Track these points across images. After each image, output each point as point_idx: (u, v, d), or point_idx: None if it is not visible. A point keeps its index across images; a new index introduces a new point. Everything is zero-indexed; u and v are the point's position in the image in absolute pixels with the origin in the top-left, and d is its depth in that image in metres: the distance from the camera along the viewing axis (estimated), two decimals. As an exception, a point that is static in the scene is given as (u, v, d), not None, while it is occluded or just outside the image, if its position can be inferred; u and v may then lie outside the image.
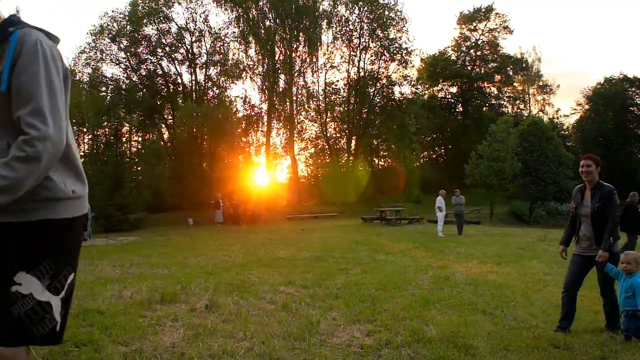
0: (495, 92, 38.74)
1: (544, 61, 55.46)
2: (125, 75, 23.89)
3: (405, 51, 27.37)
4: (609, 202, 3.05)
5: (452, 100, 39.30)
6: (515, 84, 39.21)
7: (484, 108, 37.82)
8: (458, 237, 11.17)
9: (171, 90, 24.75)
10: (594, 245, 3.07)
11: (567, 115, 39.88)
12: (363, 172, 29.68)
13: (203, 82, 24.73)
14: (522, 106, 40.07)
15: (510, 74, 38.05)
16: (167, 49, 23.81)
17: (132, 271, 5.75)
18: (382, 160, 34.49)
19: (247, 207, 19.39)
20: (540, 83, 40.64)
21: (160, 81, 24.81)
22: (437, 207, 11.88)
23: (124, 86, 23.61)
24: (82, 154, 22.75)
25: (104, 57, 23.16)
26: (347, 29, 27.74)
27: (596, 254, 3.01)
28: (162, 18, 23.38)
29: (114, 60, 23.44)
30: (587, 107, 37.01)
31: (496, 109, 37.99)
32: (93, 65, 23.19)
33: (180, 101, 24.13)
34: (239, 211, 18.58)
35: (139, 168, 22.00)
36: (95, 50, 22.95)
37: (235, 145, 23.86)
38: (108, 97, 23.29)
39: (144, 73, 24.19)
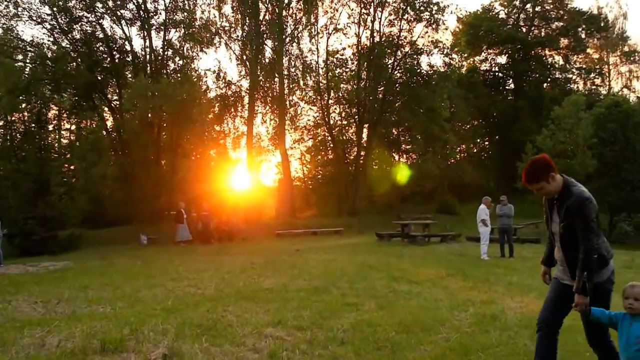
0: (561, 62, 39.00)
1: (632, 19, 55.07)
2: (51, 40, 23.82)
3: (436, 7, 27.56)
4: (579, 217, 2.88)
5: (501, 75, 39.51)
6: (589, 50, 39.35)
7: (545, 84, 38.03)
8: (509, 260, 11.29)
9: (116, 60, 24.81)
10: (569, 274, 3.04)
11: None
12: (379, 173, 29.77)
13: (161, 50, 24.81)
14: (598, 81, 40.23)
15: (583, 36, 38.14)
16: (110, 2, 23.81)
17: (60, 309, 5.75)
18: (405, 156, 34.66)
19: (221, 219, 19.42)
20: (626, 49, 40.57)
21: (101, 48, 24.87)
22: (479, 220, 11.95)
23: (49, 54, 23.53)
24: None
25: (19, 13, 22.43)
26: (357, -25, 28.05)
27: (573, 285, 2.94)
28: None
29: (34, 18, 22.71)
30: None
31: (562, 85, 38.22)
32: (4, 24, 22.99)
33: (130, 76, 24.17)
34: (211, 225, 18.59)
35: (71, 167, 21.99)
36: (6, 3, 22.55)
37: (205, 136, 23.95)
38: (27, 69, 23.09)
39: (77, 36, 24.13)
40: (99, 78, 24.58)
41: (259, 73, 26.70)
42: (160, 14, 24.56)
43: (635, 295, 2.64)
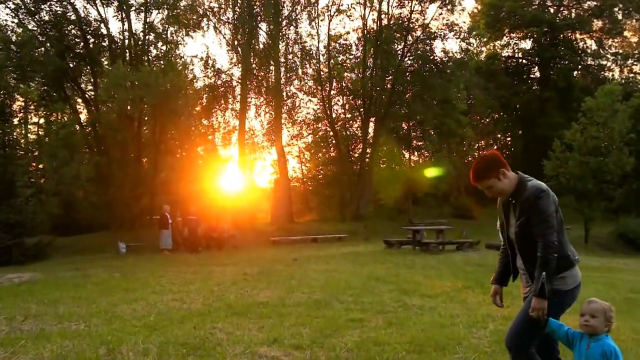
0: (594, 46, 38.95)
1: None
2: (15, 21, 23.79)
3: (451, -16, 27.66)
4: (535, 213, 2.89)
5: (525, 62, 39.55)
6: (626, 33, 39.20)
7: (575, 73, 38.01)
8: None
9: (91, 45, 24.80)
10: (530, 282, 3.02)
11: None
12: (387, 172, 29.77)
13: (141, 34, 24.83)
14: (636, 68, 40.20)
15: (619, 17, 37.94)
16: (83, -22, 23.81)
17: (27, 327, 5.74)
18: (416, 153, 34.67)
19: (210, 225, 19.42)
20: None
21: (73, 31, 24.85)
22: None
23: (14, 38, 23.54)
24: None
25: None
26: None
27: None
28: None
29: (-4, -4, 23.01)
30: None
31: (594, 73, 38.21)
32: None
33: (106, 63, 24.11)
34: (198, 232, 18.60)
35: (40, 166, 21.96)
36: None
37: (192, 130, 24.02)
38: (-12, 55, 23.09)
39: (46, 18, 24.06)
40: (71, 65, 24.41)
41: (252, 60, 26.84)
42: (140, -8, 24.59)
43: (592, 311, 2.64)
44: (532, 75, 39.75)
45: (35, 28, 23.66)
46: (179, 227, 18.51)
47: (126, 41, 24.77)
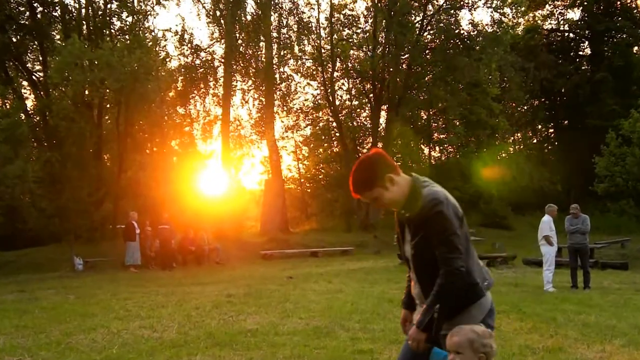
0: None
1: None
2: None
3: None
4: (435, 232, 2.73)
5: (572, 36, 39.38)
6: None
7: (635, 49, 37.86)
8: (583, 292, 11.27)
9: (39, 15, 24.76)
10: None
11: None
12: (404, 172, 29.69)
13: (102, 3, 24.80)
14: None
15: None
16: None
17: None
18: (438, 148, 34.58)
19: (187, 236, 19.44)
20: None
21: (18, -1, 24.82)
22: (541, 236, 11.93)
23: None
24: None
25: None
26: None
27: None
28: None
29: None
30: None
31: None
32: None
33: (58, 37, 24.01)
34: (172, 244, 18.61)
35: (-23, 164, 21.99)
36: None
37: (165, 121, 23.96)
38: None
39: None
40: (14, 40, 24.21)
41: (237, 35, 26.74)
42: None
43: (455, 347, 2.56)
44: (581, 53, 39.60)
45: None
46: (149, 238, 18.52)
47: (83, 11, 24.60)
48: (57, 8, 24.70)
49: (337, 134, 30.47)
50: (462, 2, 28.53)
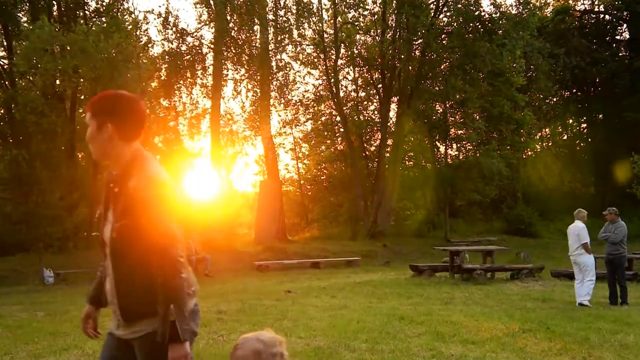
0: None
1: None
2: None
3: None
4: (145, 213, 2.59)
5: (608, 18, 38.79)
6: None
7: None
8: (620, 309, 11.12)
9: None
10: (120, 317, 2.78)
11: None
12: (415, 172, 29.51)
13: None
14: None
15: None
16: None
17: None
18: (455, 145, 34.45)
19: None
20: None
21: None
22: (579, 244, 11.64)
23: None
24: None
25: None
26: None
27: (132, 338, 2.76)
28: None
29: None
30: None
31: None
32: None
33: (25, 20, 24.21)
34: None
35: None
36: None
37: (147, 114, 23.64)
38: None
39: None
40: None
41: (229, 17, 26.34)
42: None
43: None
44: (618, 37, 39.46)
45: None
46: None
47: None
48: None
49: (342, 130, 30.35)
50: (483, -20, 28.27)
